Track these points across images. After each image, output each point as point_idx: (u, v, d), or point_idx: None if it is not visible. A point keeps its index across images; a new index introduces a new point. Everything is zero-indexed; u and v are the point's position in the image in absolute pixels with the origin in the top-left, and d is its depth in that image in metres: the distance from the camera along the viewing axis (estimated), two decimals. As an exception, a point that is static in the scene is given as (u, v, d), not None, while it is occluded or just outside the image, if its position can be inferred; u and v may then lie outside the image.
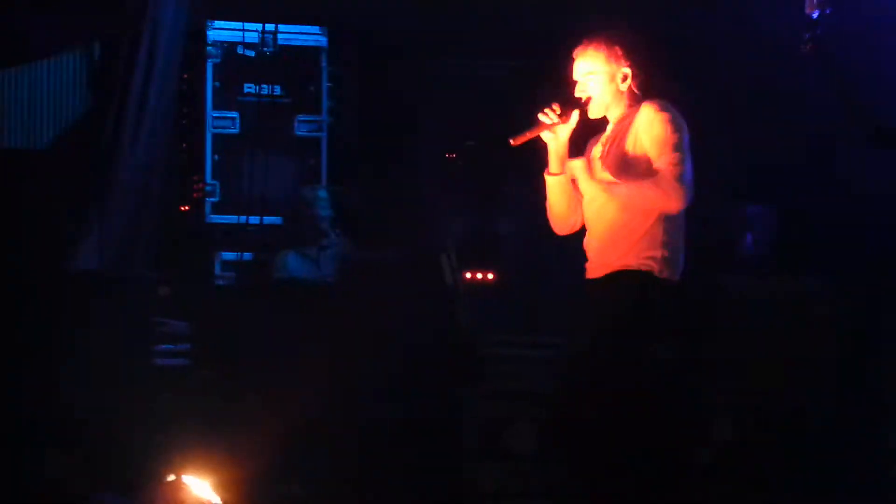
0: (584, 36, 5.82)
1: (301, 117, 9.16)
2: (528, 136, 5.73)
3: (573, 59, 5.79)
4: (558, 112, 5.70)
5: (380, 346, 7.70)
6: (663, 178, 5.55)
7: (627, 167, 5.67)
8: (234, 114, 9.08)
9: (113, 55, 9.26)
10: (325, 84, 9.21)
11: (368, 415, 7.65)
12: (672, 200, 5.57)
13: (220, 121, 9.06)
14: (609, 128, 5.84)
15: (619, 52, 5.73)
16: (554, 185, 5.85)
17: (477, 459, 7.68)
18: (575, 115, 5.74)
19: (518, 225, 8.98)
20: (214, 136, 9.05)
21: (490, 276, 8.84)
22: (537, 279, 8.66)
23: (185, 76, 9.09)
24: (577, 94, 5.76)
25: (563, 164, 5.80)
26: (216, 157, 9.04)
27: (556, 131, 5.75)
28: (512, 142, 5.71)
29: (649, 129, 5.61)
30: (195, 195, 9.06)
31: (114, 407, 7.27)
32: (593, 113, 5.78)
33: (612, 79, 5.73)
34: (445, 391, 7.77)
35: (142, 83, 8.85)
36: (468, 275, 8.67)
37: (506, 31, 8.96)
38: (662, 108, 5.64)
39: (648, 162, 5.61)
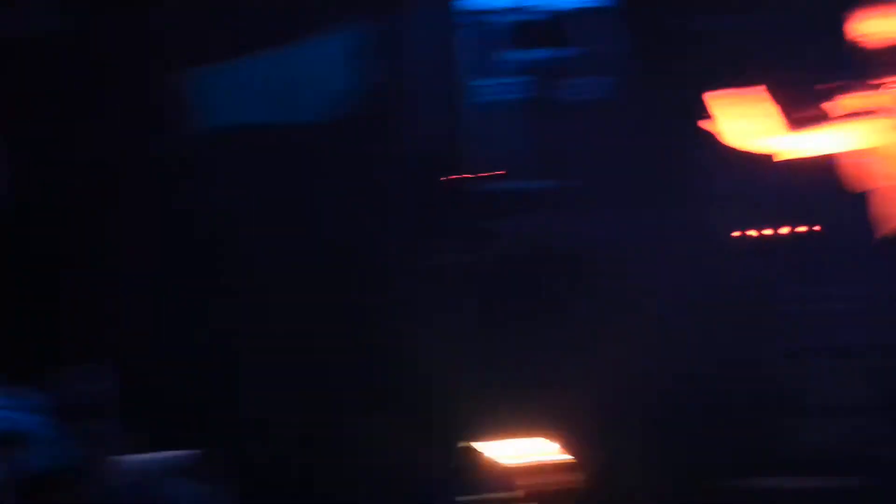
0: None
1: (577, 80, 9.12)
2: None
3: None
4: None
5: (663, 308, 7.69)
6: None
7: None
8: (505, 80, 9.05)
9: (378, 30, 9.37)
10: (602, 46, 9.15)
11: (669, 374, 7.65)
12: None
13: (492, 88, 9.05)
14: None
15: None
16: None
17: (783, 417, 7.63)
18: None
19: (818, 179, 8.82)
20: (487, 103, 9.06)
21: (784, 231, 8.69)
22: (833, 232, 8.49)
23: (454, 44, 9.12)
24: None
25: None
26: (490, 125, 9.04)
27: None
28: None
29: None
30: (471, 166, 9.07)
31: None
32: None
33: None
34: (737, 352, 7.74)
35: (408, 57, 8.94)
36: (761, 231, 8.53)
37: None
38: None
39: None
